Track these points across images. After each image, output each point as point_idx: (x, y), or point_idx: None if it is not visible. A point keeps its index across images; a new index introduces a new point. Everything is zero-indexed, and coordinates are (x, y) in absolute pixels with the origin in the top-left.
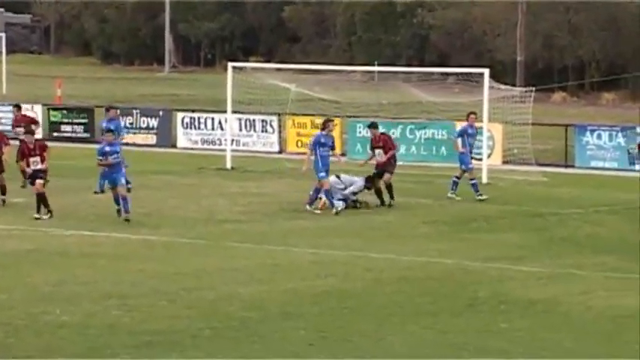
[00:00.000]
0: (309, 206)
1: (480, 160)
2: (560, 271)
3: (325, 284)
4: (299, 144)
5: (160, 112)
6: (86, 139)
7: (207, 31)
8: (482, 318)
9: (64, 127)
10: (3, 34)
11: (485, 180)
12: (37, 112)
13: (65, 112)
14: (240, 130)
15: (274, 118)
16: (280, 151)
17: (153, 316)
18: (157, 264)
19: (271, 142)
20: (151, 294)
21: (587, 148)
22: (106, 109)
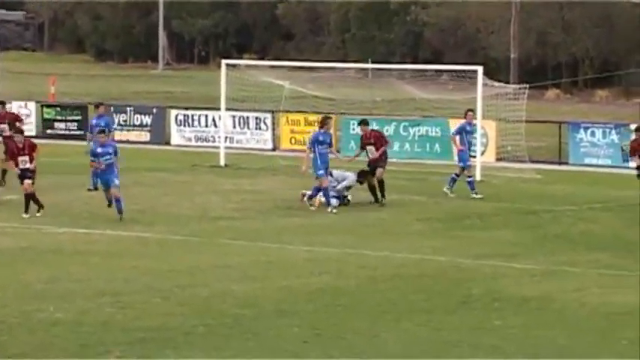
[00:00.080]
0: (307, 200)
1: (474, 158)
2: (554, 268)
3: (319, 282)
4: (293, 141)
5: (154, 110)
6: (80, 136)
7: (201, 29)
8: (475, 315)
9: (57, 125)
10: None
11: (479, 177)
12: (31, 109)
13: (59, 109)
14: (234, 128)
15: (268, 115)
16: (274, 149)
17: (146, 313)
18: (150, 261)
19: (265, 139)
20: (145, 291)
21: (581, 145)
22: (96, 105)
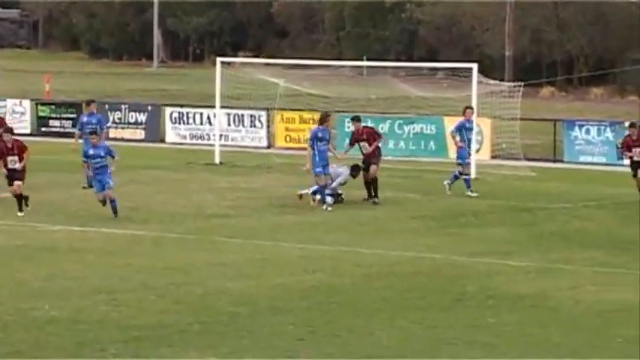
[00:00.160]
0: (312, 195)
1: (469, 155)
2: (549, 266)
3: (314, 279)
4: (287, 139)
5: (149, 107)
6: (74, 134)
7: (196, 26)
8: (470, 313)
9: (52, 122)
10: None
11: (474, 175)
12: (26, 107)
13: (53, 107)
14: (229, 125)
15: (263, 113)
16: (269, 146)
17: (142, 311)
18: (145, 259)
19: (260, 137)
20: (140, 289)
21: (576, 142)
22: (86, 103)
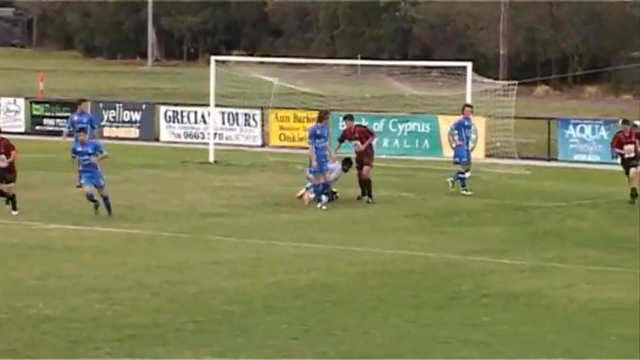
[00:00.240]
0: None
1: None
2: (543, 265)
3: (308, 278)
4: (282, 137)
5: (143, 106)
6: (69, 133)
7: (190, 25)
8: (464, 311)
9: (46, 121)
10: None
11: (468, 173)
12: (20, 105)
13: (48, 105)
14: (223, 124)
15: (257, 111)
16: (263, 145)
17: (136, 310)
18: (140, 258)
19: (254, 135)
20: (134, 288)
21: (570, 141)
22: (78, 102)
